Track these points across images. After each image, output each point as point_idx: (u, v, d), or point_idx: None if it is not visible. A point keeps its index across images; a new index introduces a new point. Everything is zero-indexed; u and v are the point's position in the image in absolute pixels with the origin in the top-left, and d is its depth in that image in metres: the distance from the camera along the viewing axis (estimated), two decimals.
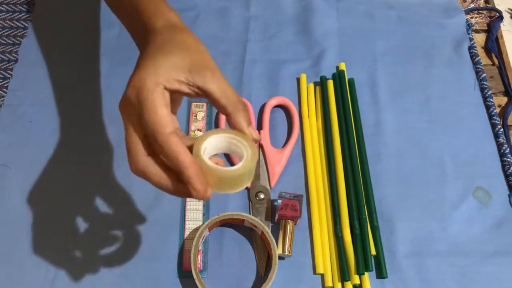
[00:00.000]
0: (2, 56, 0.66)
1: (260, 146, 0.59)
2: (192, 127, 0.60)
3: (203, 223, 0.52)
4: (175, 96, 0.38)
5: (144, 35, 0.41)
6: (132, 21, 0.44)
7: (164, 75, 0.36)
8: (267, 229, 0.51)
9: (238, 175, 0.35)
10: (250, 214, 0.54)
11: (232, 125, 0.38)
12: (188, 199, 0.55)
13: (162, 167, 0.37)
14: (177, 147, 0.35)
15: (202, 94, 0.37)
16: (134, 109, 0.36)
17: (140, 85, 0.36)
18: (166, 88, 0.36)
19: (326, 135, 0.60)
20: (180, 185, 0.36)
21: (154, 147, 0.36)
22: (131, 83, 0.36)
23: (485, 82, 0.66)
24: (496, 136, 0.62)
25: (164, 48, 0.38)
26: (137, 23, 0.43)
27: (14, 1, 0.71)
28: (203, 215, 0.55)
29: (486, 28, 0.73)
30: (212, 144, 0.37)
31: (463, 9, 0.73)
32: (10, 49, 0.66)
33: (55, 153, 0.58)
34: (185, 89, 0.37)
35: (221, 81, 0.38)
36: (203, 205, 0.55)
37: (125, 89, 0.37)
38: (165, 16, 0.41)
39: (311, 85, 0.64)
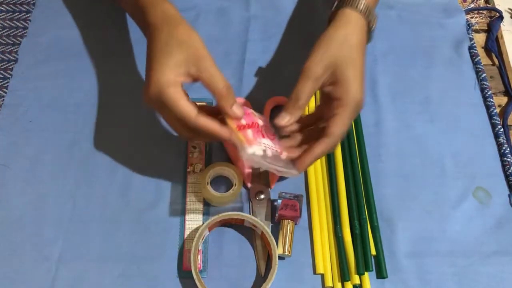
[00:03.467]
0: (2, 56, 0.66)
1: None
2: None
3: (203, 223, 0.52)
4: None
5: (145, 27, 0.50)
6: (133, 11, 0.54)
7: (172, 73, 0.45)
8: (267, 229, 0.51)
9: (226, 197, 0.54)
10: (250, 214, 0.54)
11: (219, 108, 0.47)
12: (188, 200, 0.55)
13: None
14: (206, 123, 0.46)
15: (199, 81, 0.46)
16: (162, 105, 0.46)
17: (158, 89, 0.44)
18: (176, 83, 0.45)
19: None
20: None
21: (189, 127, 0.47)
22: (150, 88, 0.45)
23: (485, 82, 0.66)
24: (496, 136, 0.62)
25: (166, 48, 0.46)
26: (137, 14, 0.52)
27: (14, 1, 0.71)
28: (203, 215, 0.55)
29: (486, 28, 0.73)
30: (212, 173, 0.56)
31: (463, 9, 0.73)
32: (10, 49, 0.66)
33: (55, 153, 0.58)
34: (188, 79, 0.46)
35: (212, 69, 0.46)
36: (203, 205, 0.55)
37: (145, 92, 0.46)
38: (161, 8, 0.49)
39: None
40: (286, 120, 0.49)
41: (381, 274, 0.52)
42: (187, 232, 0.54)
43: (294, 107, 0.49)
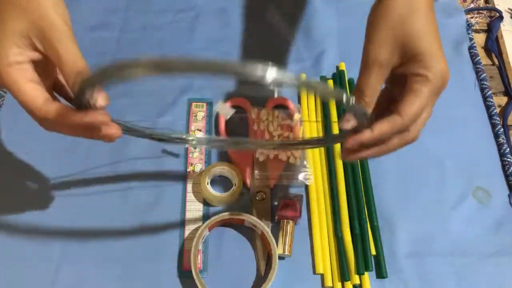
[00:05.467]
0: None
1: None
2: (192, 127, 0.60)
3: (203, 223, 0.52)
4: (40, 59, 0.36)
5: None
6: None
7: (10, 51, 0.35)
8: (267, 229, 0.51)
9: (226, 197, 0.54)
10: (250, 214, 0.54)
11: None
12: (188, 200, 0.55)
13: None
14: (58, 112, 0.35)
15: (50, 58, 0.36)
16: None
17: None
18: (20, 62, 0.35)
19: (326, 135, 0.60)
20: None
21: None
22: None
23: (485, 82, 0.66)
24: (496, 136, 0.62)
25: (3, 17, 0.35)
26: None
27: None
28: (203, 215, 0.55)
29: (486, 28, 0.73)
30: (212, 173, 0.56)
31: (463, 9, 0.73)
32: None
33: (55, 153, 0.58)
34: (36, 56, 0.36)
35: (62, 44, 0.35)
36: (203, 205, 0.55)
37: None
38: None
39: None
40: (351, 123, 0.37)
41: (381, 274, 0.52)
42: (187, 232, 0.54)
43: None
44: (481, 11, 0.75)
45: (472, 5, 0.75)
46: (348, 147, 0.38)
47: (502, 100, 0.66)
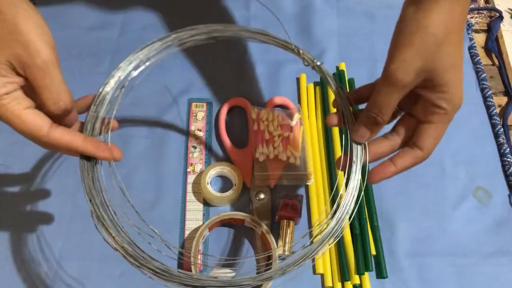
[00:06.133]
0: None
1: None
2: (192, 127, 0.60)
3: (203, 223, 0.52)
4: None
5: None
6: None
7: None
8: (267, 229, 0.51)
9: (226, 197, 0.54)
10: (250, 214, 0.54)
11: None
12: (188, 200, 0.55)
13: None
14: (63, 139, 0.36)
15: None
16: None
17: None
18: (9, 92, 0.34)
19: (326, 135, 0.60)
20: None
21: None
22: None
23: (485, 82, 0.66)
24: (496, 136, 0.62)
25: None
26: None
27: None
28: (203, 215, 0.55)
29: (486, 28, 0.73)
30: (212, 173, 0.56)
31: None
32: None
33: (55, 153, 0.58)
34: (22, 81, 0.35)
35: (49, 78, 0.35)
36: (203, 205, 0.55)
37: None
38: None
39: (311, 85, 0.64)
40: (366, 137, 0.40)
41: (381, 274, 0.52)
42: (187, 232, 0.54)
43: (376, 122, 0.38)
44: (481, 11, 0.75)
45: (472, 5, 0.75)
46: (373, 182, 0.40)
47: (502, 100, 0.66)
